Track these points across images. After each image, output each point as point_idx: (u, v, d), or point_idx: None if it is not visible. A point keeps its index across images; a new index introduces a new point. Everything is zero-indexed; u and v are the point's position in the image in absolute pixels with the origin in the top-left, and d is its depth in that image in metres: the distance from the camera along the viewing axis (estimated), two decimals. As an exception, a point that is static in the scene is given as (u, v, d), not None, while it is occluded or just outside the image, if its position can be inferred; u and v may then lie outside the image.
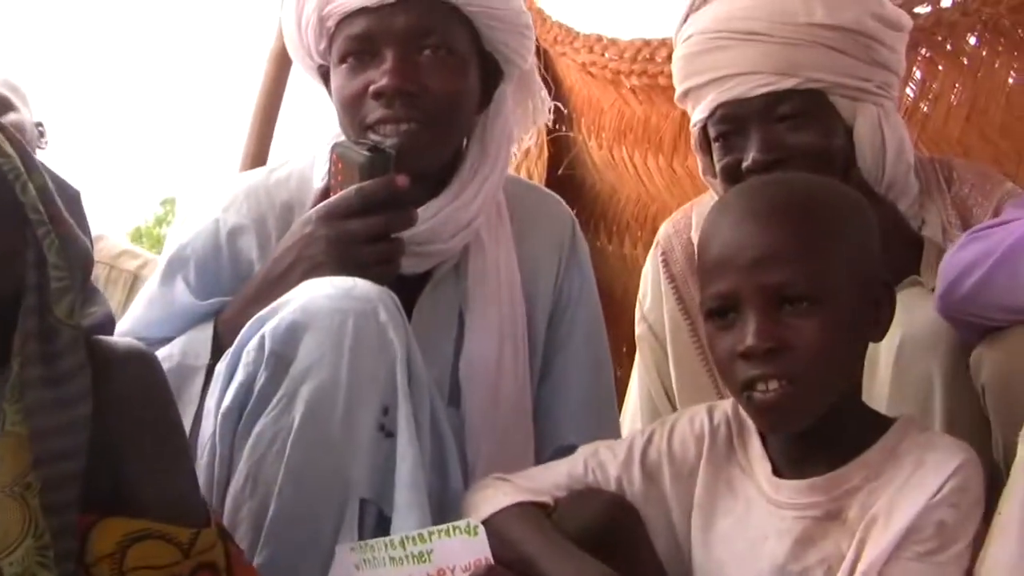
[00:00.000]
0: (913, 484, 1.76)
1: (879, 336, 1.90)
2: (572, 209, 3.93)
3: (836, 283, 1.79)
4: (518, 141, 2.58)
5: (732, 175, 2.43)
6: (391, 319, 1.95)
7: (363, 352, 1.93)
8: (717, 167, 2.48)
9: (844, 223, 1.87)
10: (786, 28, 2.40)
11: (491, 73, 2.34)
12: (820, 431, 1.81)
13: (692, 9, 2.54)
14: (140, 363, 1.82)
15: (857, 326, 1.83)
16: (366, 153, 2.11)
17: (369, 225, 2.08)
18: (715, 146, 2.48)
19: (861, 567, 1.74)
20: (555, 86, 3.89)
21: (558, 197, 2.59)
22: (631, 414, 2.76)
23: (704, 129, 2.52)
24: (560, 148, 3.91)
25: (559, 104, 3.85)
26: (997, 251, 1.98)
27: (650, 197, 3.71)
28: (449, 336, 2.30)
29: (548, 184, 3.83)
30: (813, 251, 1.80)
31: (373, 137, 2.19)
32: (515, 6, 2.33)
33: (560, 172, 3.90)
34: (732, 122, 2.43)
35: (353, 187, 2.09)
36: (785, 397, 1.76)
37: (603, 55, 3.58)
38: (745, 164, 2.39)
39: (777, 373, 1.75)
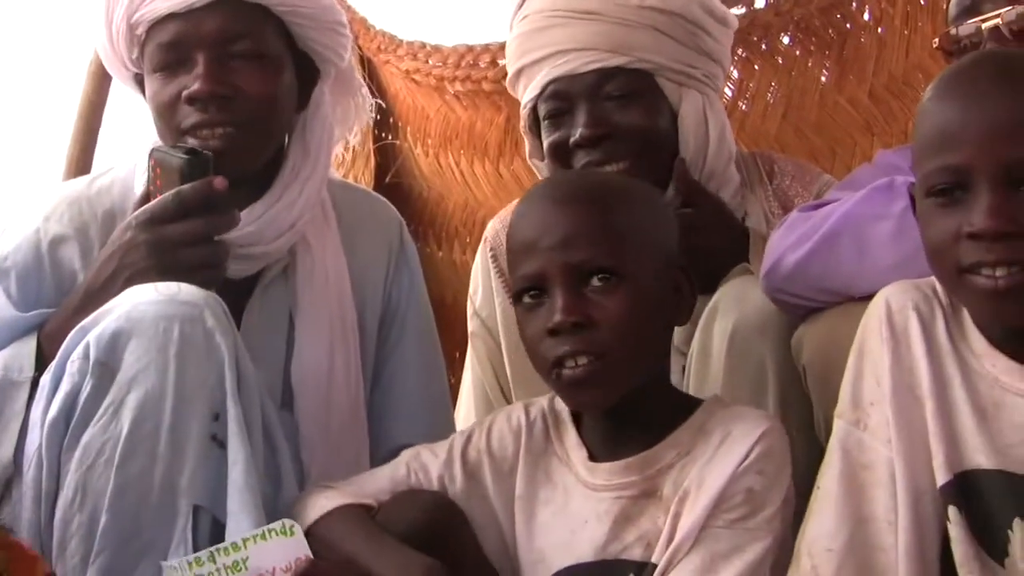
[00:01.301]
0: (721, 455, 1.81)
1: (683, 319, 1.95)
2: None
3: (635, 262, 1.84)
4: (342, 141, 2.57)
5: (560, 152, 2.48)
6: (218, 324, 1.93)
7: (190, 358, 1.90)
8: (545, 145, 2.52)
9: (640, 210, 1.92)
10: (619, 9, 2.47)
11: (307, 72, 2.34)
12: (631, 414, 1.86)
13: None
14: None
15: (659, 306, 1.88)
16: (183, 156, 2.09)
17: (189, 229, 2.06)
18: (544, 124, 2.53)
19: (676, 539, 1.77)
20: (380, 95, 3.89)
21: (385, 200, 2.60)
22: (465, 412, 2.78)
23: (534, 110, 2.56)
24: (387, 156, 3.92)
25: (385, 112, 3.87)
26: (816, 233, 2.04)
27: (477, 202, 3.74)
28: (280, 339, 2.29)
29: (375, 192, 3.85)
30: (612, 231, 1.85)
31: (191, 141, 2.17)
32: (324, 3, 2.34)
33: (387, 180, 3.90)
34: (562, 98, 2.49)
35: (171, 191, 2.07)
36: (593, 372, 1.80)
37: (427, 62, 3.60)
38: (573, 139, 2.45)
39: (584, 348, 1.80)
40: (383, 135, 3.92)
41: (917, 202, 1.71)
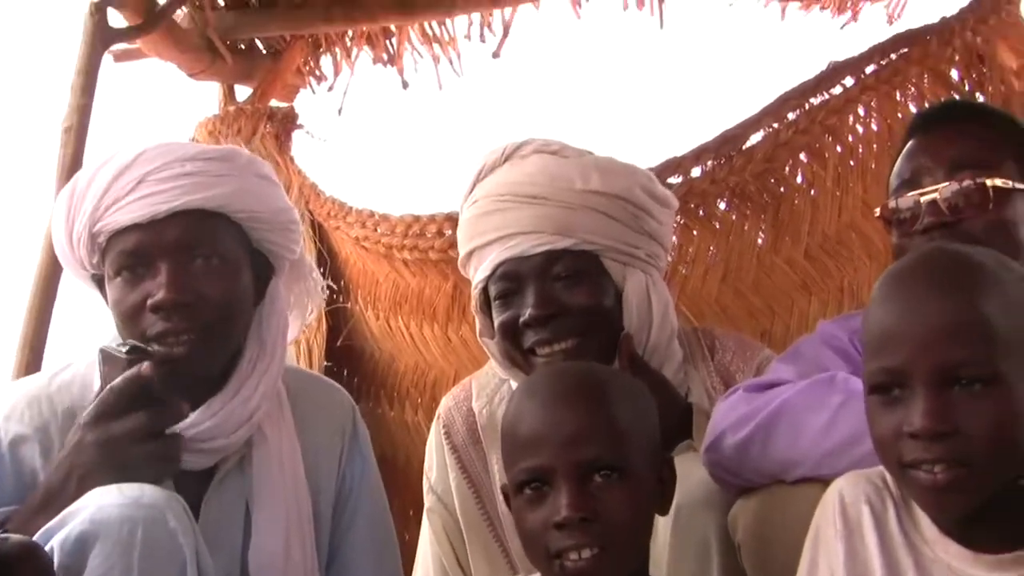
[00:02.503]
0: None
1: (665, 510, 2.02)
2: (353, 378, 4.03)
3: (635, 457, 1.91)
4: (299, 325, 2.63)
5: (510, 330, 2.56)
6: (180, 524, 1.97)
7: (152, 561, 1.93)
8: (496, 323, 2.59)
9: (636, 405, 1.99)
10: (565, 193, 2.56)
11: (263, 268, 2.41)
12: None
13: (479, 177, 2.68)
14: None
15: (651, 497, 1.96)
16: (124, 355, 2.15)
17: (135, 424, 2.11)
18: (495, 304, 2.61)
19: None
20: (330, 258, 3.98)
21: (338, 386, 2.64)
22: (421, 581, 2.79)
23: (485, 290, 2.64)
24: (338, 319, 3.98)
25: (336, 276, 3.94)
26: (757, 416, 2.12)
27: (427, 364, 3.80)
28: (237, 528, 2.32)
29: (328, 354, 3.90)
30: (616, 429, 1.91)
31: (155, 347, 2.22)
32: (277, 205, 2.42)
33: (339, 343, 3.96)
34: (512, 279, 2.57)
35: (107, 387, 2.12)
36: (596, 564, 1.85)
37: (375, 230, 3.68)
38: (523, 319, 2.53)
39: (589, 542, 1.85)
40: (335, 298, 3.98)
41: (864, 397, 1.79)
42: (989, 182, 2.21)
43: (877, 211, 2.35)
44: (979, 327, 1.69)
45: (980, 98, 3.58)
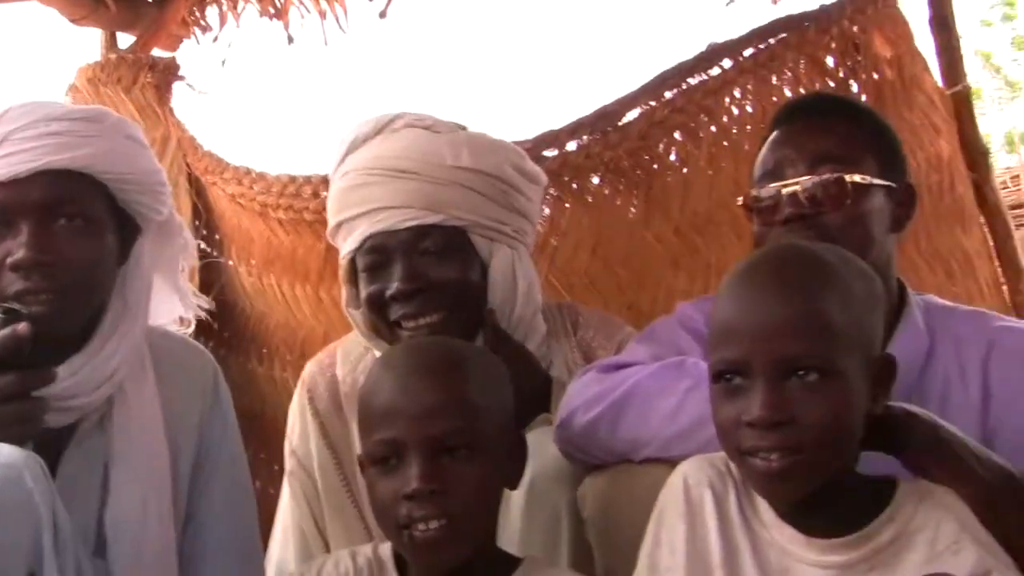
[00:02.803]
0: None
1: (515, 484, 2.08)
2: (224, 333, 4.02)
3: (488, 433, 1.96)
4: (169, 278, 2.62)
5: (377, 303, 2.58)
6: (36, 484, 1.96)
7: (8, 520, 1.92)
8: (362, 296, 2.62)
9: (491, 381, 2.04)
10: (434, 169, 2.58)
11: (128, 229, 2.39)
12: (465, 571, 1.95)
13: (351, 148, 2.69)
14: None
15: (502, 473, 2.01)
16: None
17: (2, 383, 2.08)
18: (362, 276, 2.63)
19: None
20: (206, 213, 3.97)
21: (202, 348, 2.63)
22: (279, 546, 2.80)
23: (352, 261, 2.66)
24: (211, 273, 3.97)
25: (211, 231, 3.92)
26: (607, 398, 2.18)
27: (298, 323, 3.81)
28: (95, 487, 2.31)
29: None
30: (469, 404, 1.96)
31: (14, 305, 2.19)
32: (145, 167, 2.39)
33: (212, 297, 3.94)
34: (380, 252, 2.59)
35: None
36: (445, 535, 1.89)
37: (251, 188, 3.67)
38: (389, 292, 2.55)
39: (437, 514, 1.89)
40: (210, 252, 3.97)
41: (709, 385, 1.86)
42: (848, 177, 2.27)
43: (740, 199, 2.41)
44: (816, 322, 1.77)
45: (854, 86, 3.67)
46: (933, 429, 1.94)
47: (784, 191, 2.30)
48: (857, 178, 2.28)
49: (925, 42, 3.97)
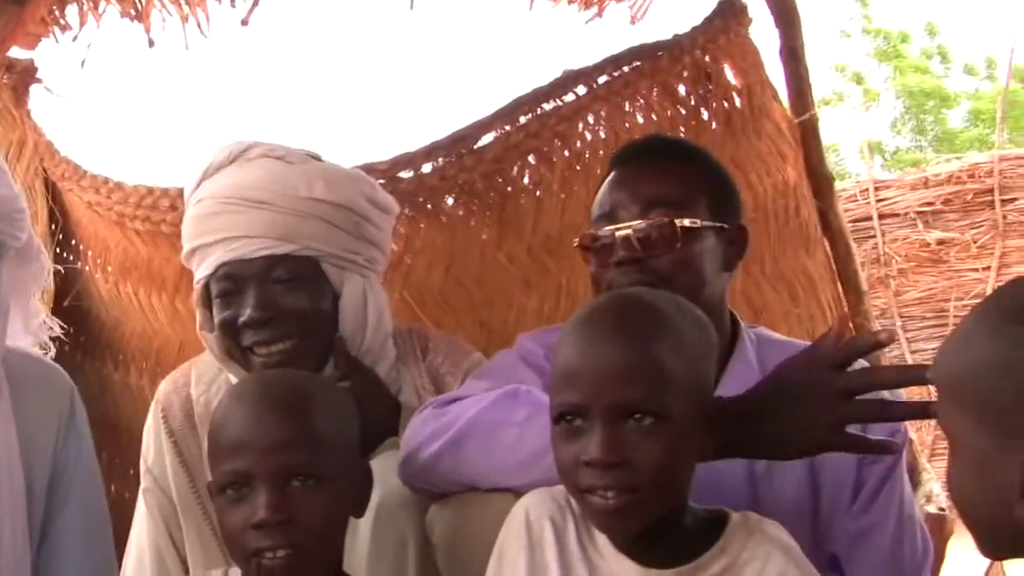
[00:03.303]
0: None
1: (360, 512, 2.15)
2: (79, 337, 4.00)
3: (333, 464, 2.04)
4: (22, 300, 2.62)
5: (230, 329, 2.63)
6: None
7: None
8: (216, 321, 2.66)
9: (337, 414, 2.13)
10: (288, 199, 2.63)
11: None
12: None
13: (205, 175, 2.72)
14: None
15: (345, 501, 2.09)
16: None
17: None
18: (216, 302, 2.67)
19: None
20: (63, 217, 3.94)
21: (59, 368, 2.62)
22: (134, 564, 2.82)
23: (207, 286, 2.70)
24: (67, 279, 3.94)
25: (67, 236, 3.90)
26: (448, 432, 2.26)
27: (154, 331, 3.81)
28: None
29: (55, 313, 3.85)
30: (315, 437, 2.04)
31: None
32: (3, 193, 2.37)
33: (67, 303, 3.92)
34: (233, 280, 2.63)
35: None
36: (290, 564, 1.97)
37: (108, 197, 3.65)
38: (241, 319, 2.60)
39: (284, 543, 1.97)
40: (65, 256, 3.95)
41: (551, 424, 1.94)
42: (678, 221, 2.37)
43: (576, 241, 2.51)
44: (651, 369, 1.88)
45: (704, 113, 3.77)
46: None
47: (617, 234, 2.39)
48: (687, 222, 2.38)
49: (775, 70, 4.08)
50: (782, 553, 1.93)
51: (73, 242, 3.97)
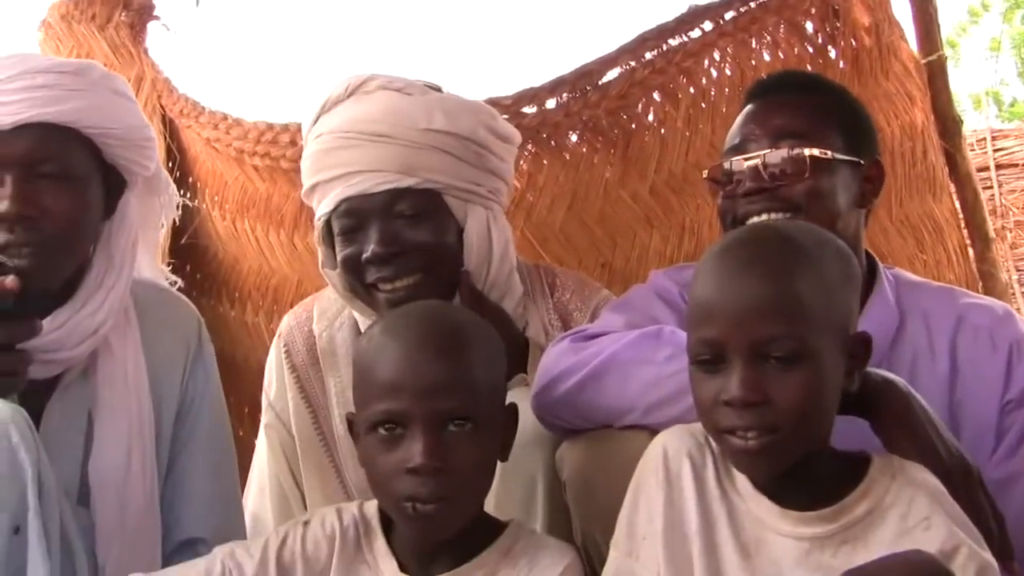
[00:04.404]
0: None
1: (505, 455, 2.07)
2: (195, 275, 4.02)
3: (488, 408, 1.98)
4: (151, 233, 2.62)
5: (353, 266, 2.59)
6: (23, 440, 1.99)
7: None
8: (339, 258, 2.62)
9: (492, 355, 2.05)
10: (408, 132, 2.58)
11: (114, 183, 2.39)
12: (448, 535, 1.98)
13: (323, 110, 2.67)
14: None
15: (496, 446, 2.02)
16: None
17: None
18: (338, 239, 2.63)
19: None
20: (180, 155, 3.95)
21: (186, 300, 2.64)
22: (255, 497, 2.84)
23: (328, 223, 2.66)
24: (184, 216, 3.93)
25: (184, 174, 3.90)
26: (585, 368, 2.20)
27: (271, 269, 3.81)
28: (79, 439, 2.33)
29: (171, 252, 3.88)
30: (475, 380, 1.97)
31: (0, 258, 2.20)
32: (132, 122, 2.39)
33: (184, 240, 3.94)
34: (355, 216, 2.59)
35: None
36: (442, 513, 1.92)
37: (227, 133, 3.65)
38: (365, 256, 2.56)
39: (440, 493, 1.91)
40: (182, 194, 3.95)
41: (688, 363, 1.88)
42: (807, 151, 2.32)
43: (705, 172, 2.46)
44: (791, 305, 1.80)
45: (832, 52, 3.69)
46: (906, 400, 2.00)
47: (746, 164, 2.36)
48: (816, 152, 2.33)
49: (902, 10, 3.99)
50: (927, 496, 1.85)
51: (190, 180, 3.97)
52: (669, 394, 2.11)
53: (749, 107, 2.48)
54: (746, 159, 2.36)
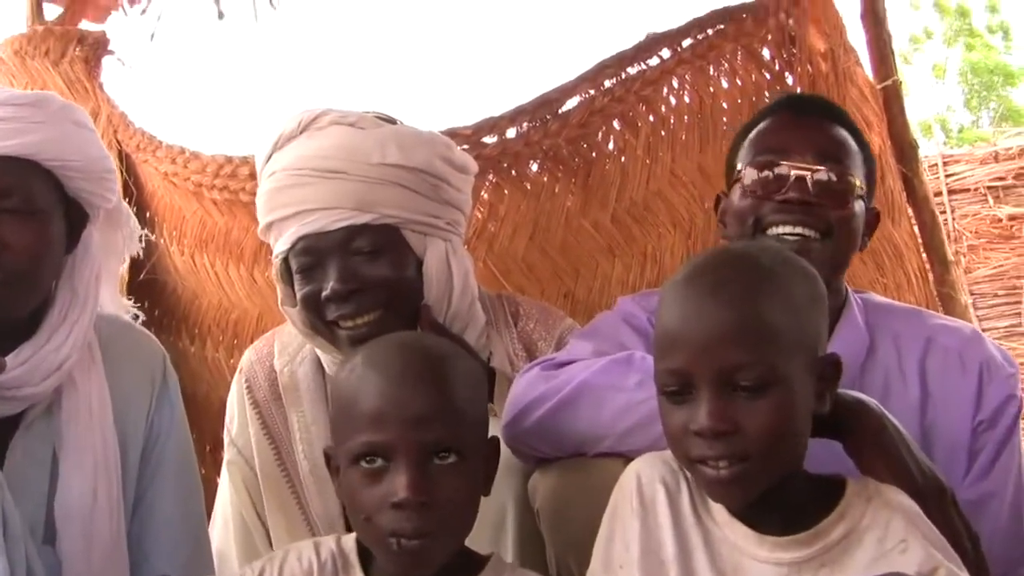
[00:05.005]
0: None
1: (487, 489, 2.01)
2: (154, 311, 3.98)
3: (473, 439, 1.93)
4: (113, 266, 2.60)
5: (313, 304, 2.57)
6: None
7: None
8: (298, 296, 2.60)
9: (474, 385, 2.00)
10: (363, 167, 2.55)
11: (76, 216, 2.36)
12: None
13: (276, 147, 2.65)
14: None
15: (480, 479, 1.97)
16: None
17: None
18: (296, 277, 2.60)
19: None
20: (136, 190, 3.91)
21: (149, 335, 2.62)
22: (219, 535, 2.79)
23: (286, 260, 2.63)
24: (143, 251, 3.91)
25: (141, 209, 3.87)
26: (556, 396, 2.20)
27: (231, 303, 3.78)
28: (43, 476, 2.30)
29: (130, 288, 3.84)
30: (459, 411, 1.92)
31: None
32: (93, 154, 2.36)
33: (142, 276, 3.90)
34: (312, 254, 2.56)
35: None
36: (426, 548, 1.87)
37: (185, 167, 3.62)
38: (325, 294, 2.53)
39: (425, 528, 1.86)
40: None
41: (657, 392, 1.87)
42: (852, 179, 2.35)
43: (739, 165, 2.44)
44: (758, 330, 1.79)
45: (789, 78, 3.69)
46: (879, 421, 2.00)
47: (792, 171, 2.34)
48: (858, 183, 2.36)
49: (856, 36, 4.00)
50: (903, 518, 1.84)
51: (148, 214, 3.94)
52: (641, 420, 2.10)
53: (786, 116, 2.48)
54: (795, 167, 2.35)
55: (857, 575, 1.79)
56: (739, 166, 2.43)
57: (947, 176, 8.67)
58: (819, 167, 2.34)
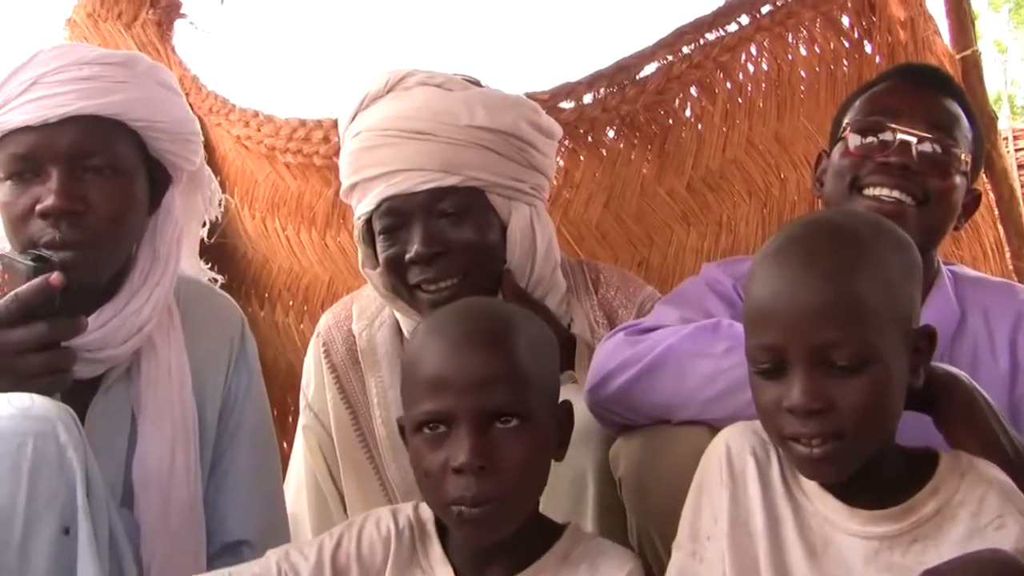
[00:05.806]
0: None
1: (561, 455, 2.00)
2: (224, 276, 3.97)
3: (538, 403, 1.90)
4: (193, 229, 2.59)
5: (396, 266, 2.55)
6: (71, 438, 1.94)
7: (42, 475, 1.91)
8: (381, 258, 2.58)
9: (540, 348, 1.97)
10: (449, 129, 2.53)
11: (159, 178, 2.35)
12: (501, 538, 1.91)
13: (361, 107, 2.63)
14: None
15: (550, 445, 1.95)
16: (30, 263, 2.09)
17: (33, 334, 2.05)
18: (379, 239, 2.59)
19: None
20: (208, 153, 3.88)
21: (228, 298, 2.61)
22: (293, 498, 2.80)
23: (368, 222, 2.61)
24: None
25: (213, 172, 3.86)
26: (641, 361, 2.17)
27: (302, 268, 3.77)
28: (122, 438, 2.30)
29: (201, 251, 3.84)
30: (521, 375, 1.89)
31: (43, 251, 2.16)
32: (179, 115, 2.36)
33: (212, 240, 3.89)
34: (397, 215, 2.55)
35: (11, 294, 2.05)
36: (490, 515, 1.85)
37: (258, 130, 3.60)
38: (408, 256, 2.52)
39: (484, 493, 1.83)
40: (212, 193, 3.92)
41: (748, 368, 1.83)
42: (958, 152, 2.33)
43: (847, 123, 2.42)
44: (852, 306, 1.75)
45: (868, 46, 3.66)
46: (971, 393, 1.96)
47: (899, 135, 2.32)
48: (964, 157, 2.34)
49: (936, 5, 3.95)
50: (998, 494, 1.80)
51: (219, 178, 3.91)
52: (727, 388, 2.07)
53: (901, 82, 2.47)
54: (905, 131, 2.33)
55: (951, 551, 1.74)
56: (846, 124, 2.41)
57: (1017, 151, 8.56)
58: (927, 135, 2.31)
